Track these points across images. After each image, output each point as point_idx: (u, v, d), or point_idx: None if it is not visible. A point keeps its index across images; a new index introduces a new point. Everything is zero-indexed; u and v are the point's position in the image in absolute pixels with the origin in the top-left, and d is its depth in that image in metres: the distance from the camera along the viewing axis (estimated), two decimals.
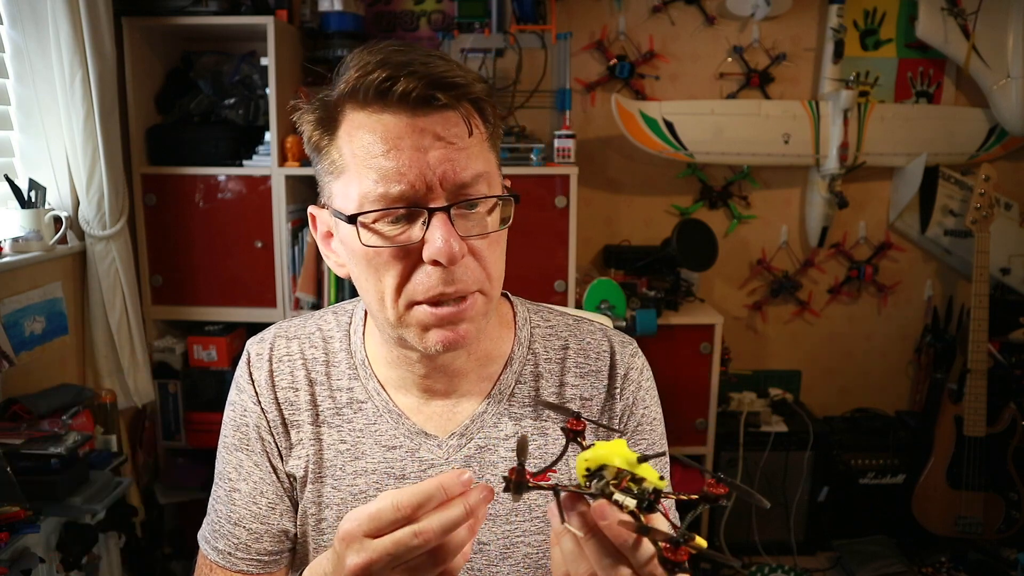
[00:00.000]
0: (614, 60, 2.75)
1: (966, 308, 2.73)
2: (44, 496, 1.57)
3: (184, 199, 2.32)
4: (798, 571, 2.61)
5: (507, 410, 0.89)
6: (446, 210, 0.74)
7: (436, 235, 0.73)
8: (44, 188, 1.99)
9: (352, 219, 0.74)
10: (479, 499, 0.61)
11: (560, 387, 0.91)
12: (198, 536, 0.93)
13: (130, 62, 2.25)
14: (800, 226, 2.93)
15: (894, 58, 2.80)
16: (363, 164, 0.74)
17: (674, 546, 0.52)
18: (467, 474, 0.62)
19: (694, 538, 0.53)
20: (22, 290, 1.87)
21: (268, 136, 2.29)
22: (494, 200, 0.78)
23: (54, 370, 2.01)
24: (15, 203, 1.93)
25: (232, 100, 2.42)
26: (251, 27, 2.28)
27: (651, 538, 0.54)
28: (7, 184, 1.92)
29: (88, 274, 2.13)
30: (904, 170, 2.80)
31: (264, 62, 2.33)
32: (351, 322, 0.93)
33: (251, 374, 0.92)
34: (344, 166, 0.76)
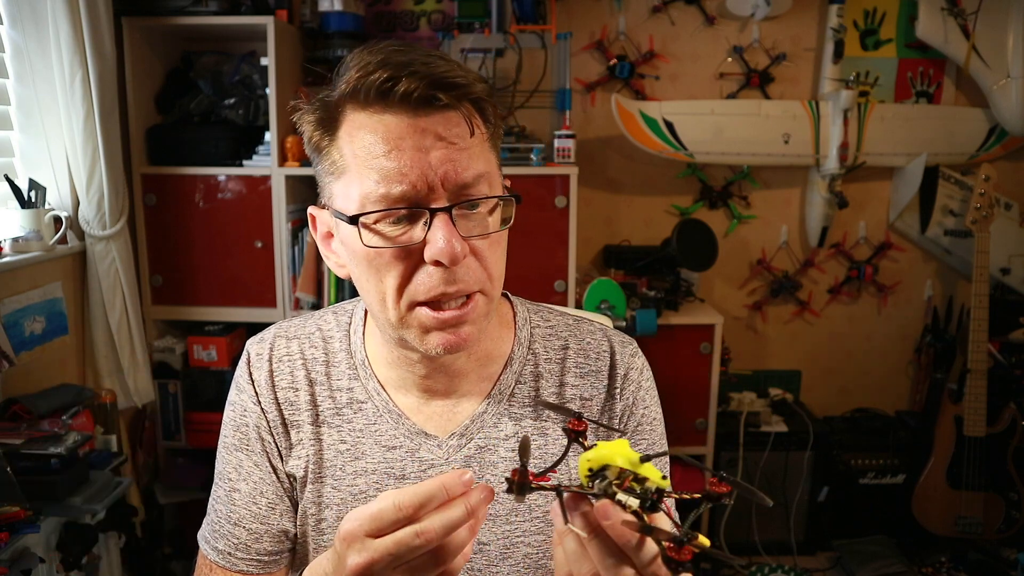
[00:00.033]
0: (614, 60, 2.75)
1: (966, 308, 2.73)
2: (44, 496, 1.57)
3: (184, 199, 2.32)
4: (798, 571, 2.61)
5: (507, 410, 0.89)
6: (448, 210, 0.73)
7: (438, 235, 0.73)
8: (44, 188, 1.99)
9: (353, 220, 0.74)
10: (480, 499, 0.61)
11: (560, 387, 0.91)
12: (198, 536, 0.93)
13: (130, 62, 2.25)
14: (800, 226, 2.93)
15: (894, 58, 2.80)
16: (364, 164, 0.74)
17: (678, 545, 0.52)
18: (468, 474, 0.62)
19: (697, 537, 0.53)
20: (22, 290, 1.87)
21: (268, 136, 2.29)
22: (495, 200, 0.78)
23: (54, 370, 2.01)
24: (15, 203, 1.93)
25: (232, 100, 2.42)
26: (251, 27, 2.28)
27: (654, 537, 0.54)
28: (7, 184, 1.92)
29: (88, 274, 2.13)
30: (904, 170, 2.80)
31: (264, 62, 2.33)
32: (351, 322, 0.93)
33: (251, 374, 0.92)
34: (345, 166, 0.76)
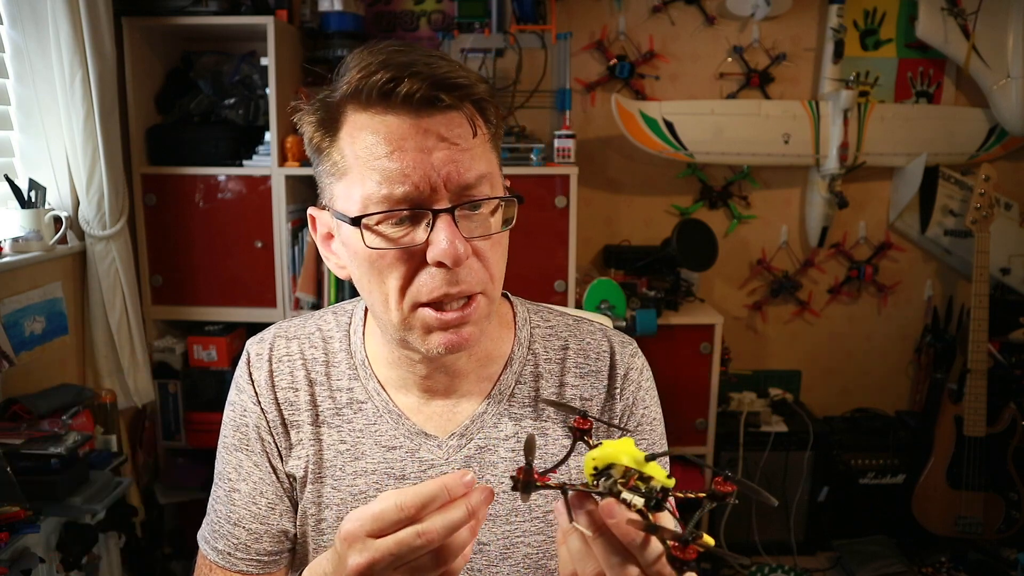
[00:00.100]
0: (614, 60, 2.75)
1: (966, 308, 2.73)
2: (44, 496, 1.57)
3: (184, 199, 2.32)
4: (798, 571, 2.61)
5: (507, 410, 0.89)
6: (451, 211, 0.73)
7: (441, 237, 0.73)
8: (44, 188, 1.99)
9: (356, 221, 0.74)
10: (480, 500, 0.61)
11: (560, 387, 0.91)
12: (198, 536, 0.93)
13: (130, 62, 2.25)
14: (800, 226, 2.93)
15: (894, 58, 2.80)
16: (366, 166, 0.74)
17: (683, 544, 0.52)
18: (470, 475, 0.62)
19: (702, 536, 0.53)
20: (22, 290, 1.87)
21: (268, 136, 2.29)
22: (497, 201, 0.78)
23: (54, 370, 2.01)
24: (15, 203, 1.93)
25: (232, 100, 2.42)
26: (251, 27, 2.28)
27: (659, 536, 0.54)
28: (7, 184, 1.92)
29: (88, 274, 2.12)
30: (904, 170, 2.80)
31: (264, 62, 2.33)
32: (351, 322, 0.93)
33: (251, 374, 0.91)
34: (347, 168, 0.76)
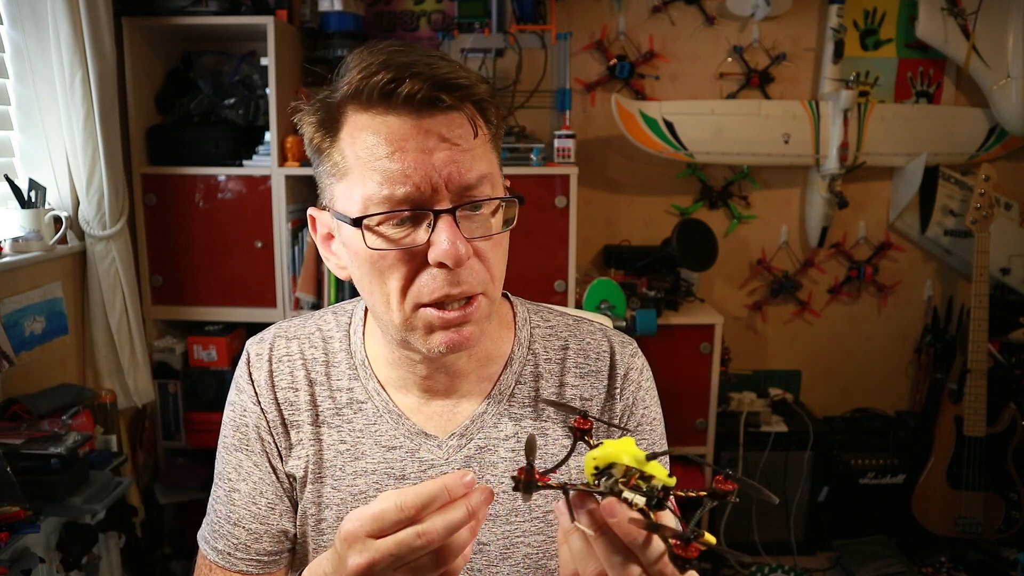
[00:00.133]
0: (614, 60, 2.75)
1: (966, 308, 2.73)
2: (44, 496, 1.57)
3: (184, 199, 2.32)
4: (798, 571, 2.61)
5: (507, 410, 0.89)
6: (452, 212, 0.73)
7: (442, 237, 0.73)
8: (44, 188, 1.99)
9: (357, 222, 0.74)
10: (480, 500, 0.61)
11: (560, 387, 0.91)
12: (198, 536, 0.93)
13: (130, 62, 2.25)
14: (800, 226, 2.93)
15: (894, 58, 2.80)
16: (367, 166, 0.73)
17: (684, 543, 0.52)
18: (470, 475, 0.62)
19: (704, 535, 0.53)
20: (22, 290, 1.87)
21: (268, 136, 2.29)
22: (498, 202, 0.78)
23: (54, 370, 2.01)
24: (15, 203, 1.93)
25: (232, 100, 2.42)
26: (251, 27, 2.28)
27: (661, 535, 0.54)
28: (7, 184, 1.92)
29: (88, 274, 2.12)
30: (904, 170, 2.80)
31: (264, 62, 2.33)
32: (351, 322, 0.93)
33: (251, 374, 0.91)
34: (347, 168, 0.76)
